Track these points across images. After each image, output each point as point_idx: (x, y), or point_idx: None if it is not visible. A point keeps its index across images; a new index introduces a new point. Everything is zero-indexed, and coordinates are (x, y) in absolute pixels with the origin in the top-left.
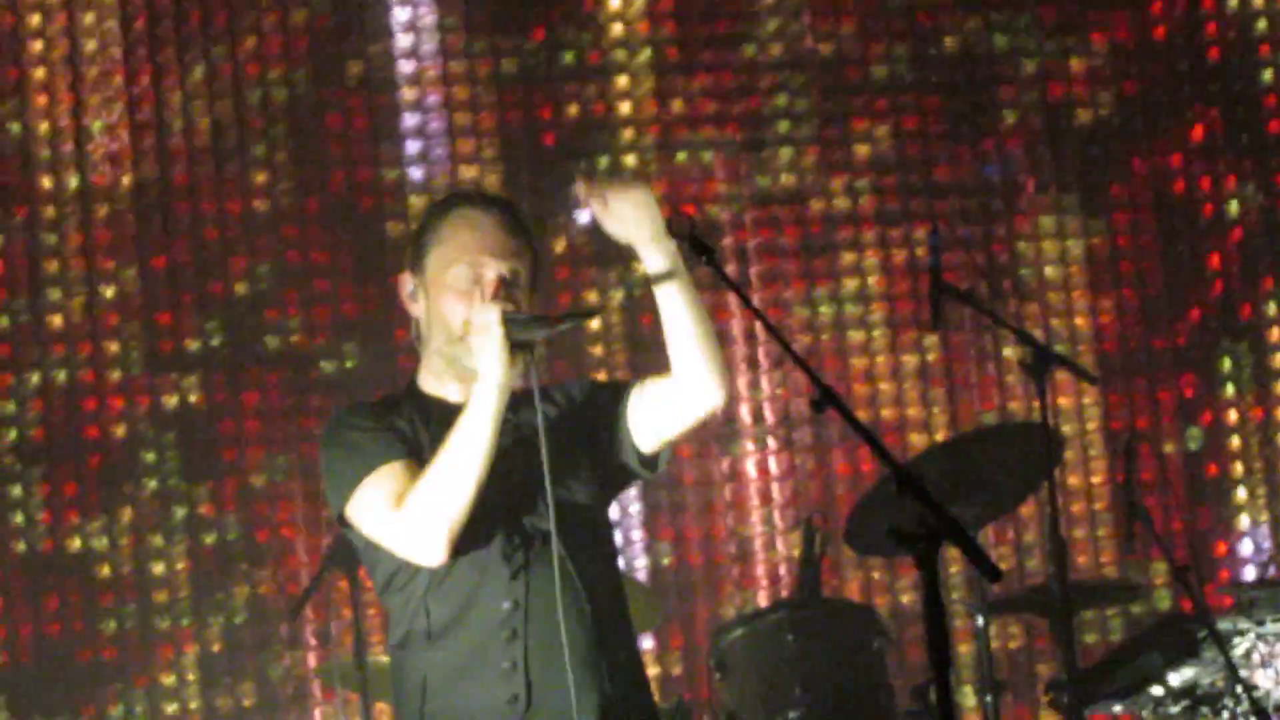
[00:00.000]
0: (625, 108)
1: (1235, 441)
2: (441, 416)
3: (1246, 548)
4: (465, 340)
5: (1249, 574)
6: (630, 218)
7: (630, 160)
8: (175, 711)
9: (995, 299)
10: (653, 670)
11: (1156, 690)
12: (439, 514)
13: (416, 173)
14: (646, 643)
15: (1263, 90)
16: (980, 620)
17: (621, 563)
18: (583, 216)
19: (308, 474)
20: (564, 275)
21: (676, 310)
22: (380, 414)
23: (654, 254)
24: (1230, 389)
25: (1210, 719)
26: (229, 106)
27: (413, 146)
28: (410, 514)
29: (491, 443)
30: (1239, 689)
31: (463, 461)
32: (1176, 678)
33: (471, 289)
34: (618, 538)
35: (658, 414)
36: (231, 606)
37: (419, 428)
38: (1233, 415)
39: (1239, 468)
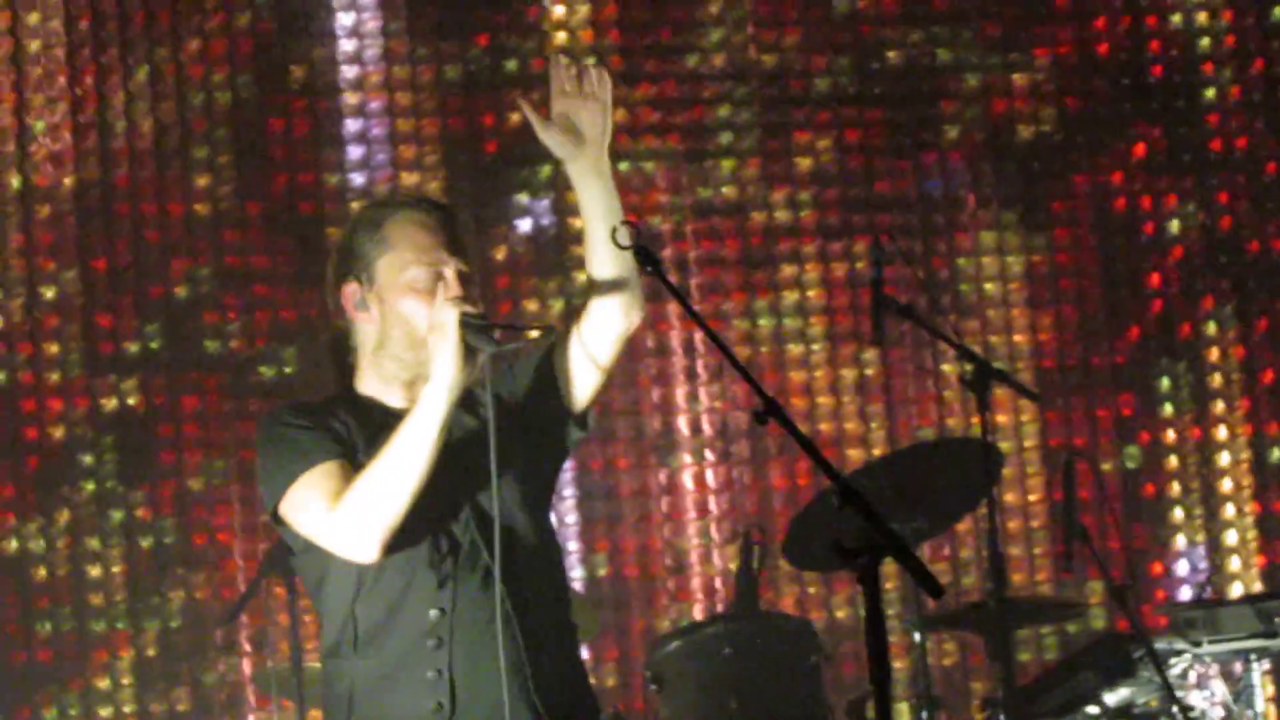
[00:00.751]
0: None
1: (1173, 461)
2: (380, 420)
3: (1183, 568)
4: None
5: (1185, 594)
6: (588, 116)
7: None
8: (110, 715)
9: (935, 314)
10: None
11: (1092, 709)
12: (376, 512)
13: (358, 178)
14: (582, 654)
15: (1205, 109)
16: (918, 636)
17: None
18: (524, 225)
19: (245, 479)
20: (504, 284)
21: (604, 219)
22: (317, 414)
23: (595, 160)
24: (1168, 408)
25: None
26: (172, 109)
27: (355, 152)
28: (347, 510)
29: (436, 445)
30: (1175, 709)
31: (405, 462)
32: (1112, 697)
33: (433, 288)
34: None
35: (580, 356)
36: (167, 611)
37: (355, 430)
38: (1170, 435)
39: (1176, 487)
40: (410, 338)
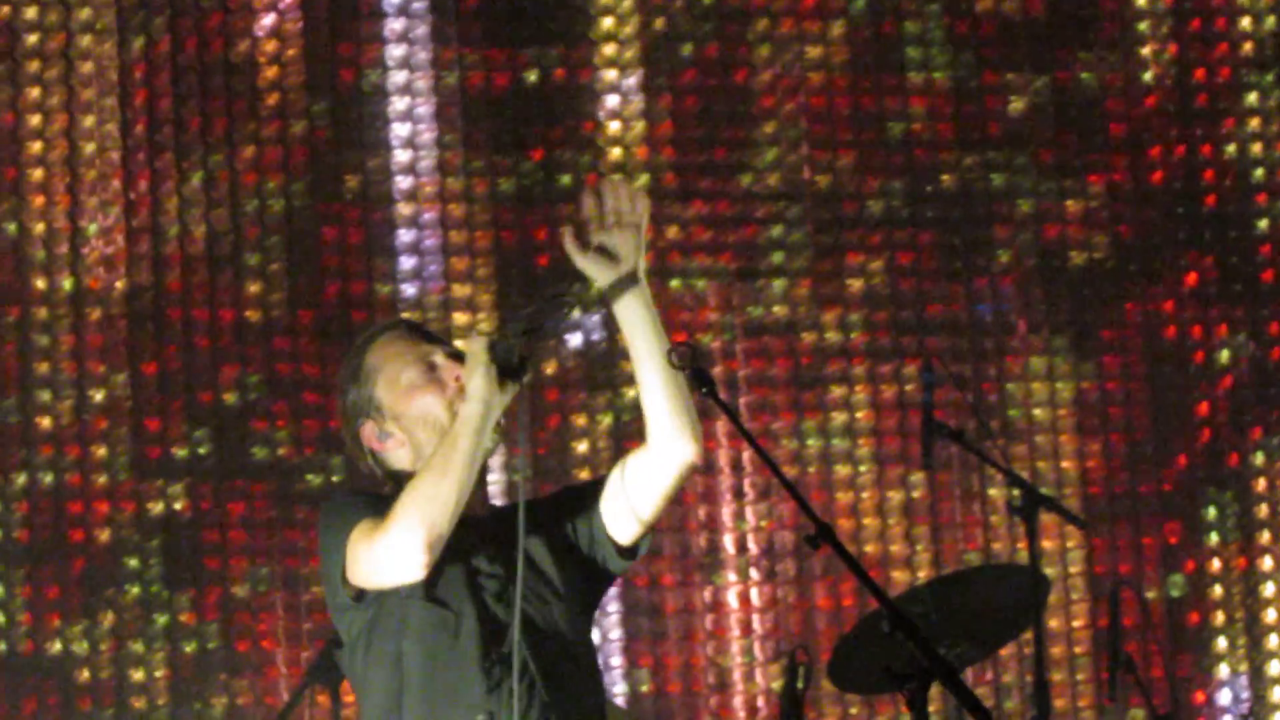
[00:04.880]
0: None
1: (1218, 590)
2: None
3: (1225, 697)
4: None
5: None
6: (620, 240)
7: None
8: None
9: (983, 439)
10: None
11: None
12: (420, 520)
13: (410, 289)
14: None
15: (1258, 239)
16: None
17: None
18: (574, 340)
19: (290, 586)
20: (553, 398)
21: (648, 351)
22: (373, 496)
23: (624, 277)
24: (1214, 537)
25: None
26: (225, 215)
27: (407, 262)
28: (393, 523)
29: (475, 457)
30: None
31: (446, 470)
32: None
33: (432, 377)
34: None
35: (636, 488)
36: (209, 716)
37: None
38: (1216, 564)
39: (1220, 616)
40: (438, 427)
